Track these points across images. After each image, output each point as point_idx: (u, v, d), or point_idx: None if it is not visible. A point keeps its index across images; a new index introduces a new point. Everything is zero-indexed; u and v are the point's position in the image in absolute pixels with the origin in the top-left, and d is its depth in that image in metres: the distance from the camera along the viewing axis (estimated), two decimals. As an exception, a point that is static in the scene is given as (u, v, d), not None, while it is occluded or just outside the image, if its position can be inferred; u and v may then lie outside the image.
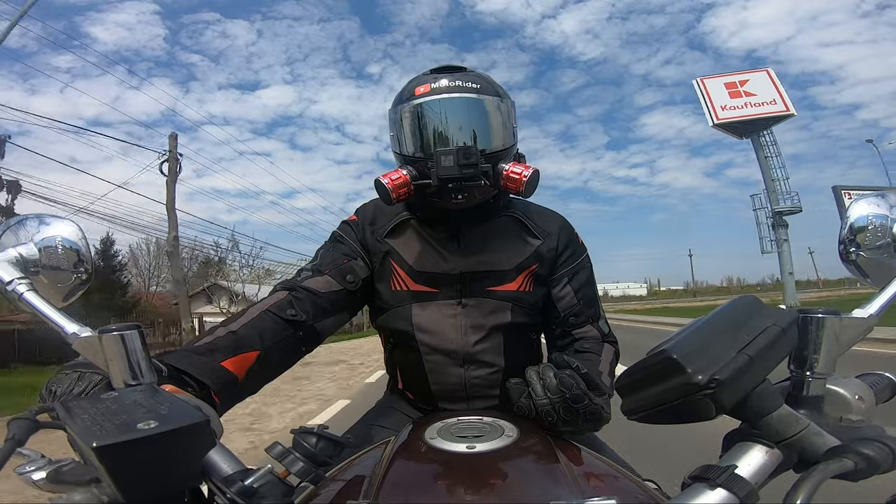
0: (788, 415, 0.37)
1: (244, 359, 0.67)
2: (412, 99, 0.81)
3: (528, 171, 0.77)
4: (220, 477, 0.36)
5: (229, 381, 0.63)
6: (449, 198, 0.79)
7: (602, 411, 0.63)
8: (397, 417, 0.89)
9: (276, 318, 0.74)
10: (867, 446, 0.35)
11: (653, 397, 0.38)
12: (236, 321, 0.72)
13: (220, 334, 0.68)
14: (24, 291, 0.50)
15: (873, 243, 0.52)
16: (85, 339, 0.47)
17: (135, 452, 0.32)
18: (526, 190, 0.78)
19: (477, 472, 0.48)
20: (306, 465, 0.39)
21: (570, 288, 0.88)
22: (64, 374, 0.49)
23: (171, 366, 0.58)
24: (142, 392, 0.40)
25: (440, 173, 0.75)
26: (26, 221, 0.57)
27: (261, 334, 0.70)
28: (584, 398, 0.61)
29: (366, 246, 0.89)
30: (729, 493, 0.33)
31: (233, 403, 0.65)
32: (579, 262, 0.90)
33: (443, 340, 0.84)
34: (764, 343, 0.36)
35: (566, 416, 0.61)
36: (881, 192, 0.54)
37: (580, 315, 0.88)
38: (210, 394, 0.60)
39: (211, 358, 0.63)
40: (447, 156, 0.74)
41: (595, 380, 0.64)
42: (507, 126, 0.83)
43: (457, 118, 0.79)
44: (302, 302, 0.78)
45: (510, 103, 0.84)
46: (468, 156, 0.74)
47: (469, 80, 0.81)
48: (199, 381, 0.59)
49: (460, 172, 0.74)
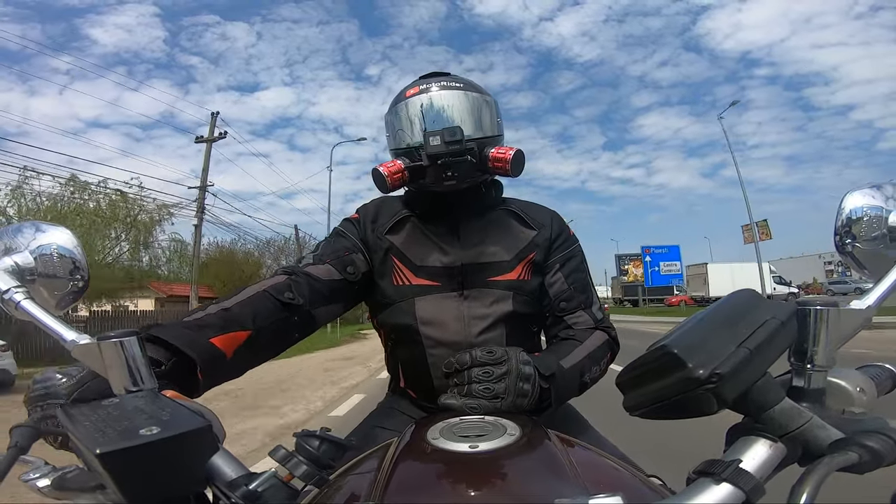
0: (791, 408, 0.37)
1: (234, 337, 0.66)
2: (403, 100, 0.89)
3: (512, 151, 0.84)
4: (224, 481, 0.36)
5: (216, 357, 0.63)
6: (441, 178, 0.84)
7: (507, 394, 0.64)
8: (399, 418, 0.89)
9: (272, 299, 0.74)
10: (871, 438, 0.35)
11: (654, 393, 0.38)
12: (231, 299, 0.72)
13: (213, 311, 0.68)
14: (20, 300, 0.50)
15: (869, 234, 0.52)
16: (84, 346, 0.47)
17: (138, 458, 0.32)
18: (513, 168, 0.84)
19: (481, 471, 0.48)
20: (310, 469, 0.39)
21: (560, 274, 0.91)
22: (57, 378, 0.50)
23: (159, 337, 0.57)
24: (143, 398, 0.40)
25: (428, 151, 0.82)
26: (21, 230, 0.57)
27: (254, 314, 0.70)
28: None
29: (367, 242, 0.91)
30: (735, 488, 0.33)
31: (217, 382, 0.65)
32: (570, 250, 0.93)
33: (446, 332, 0.85)
34: (764, 336, 0.36)
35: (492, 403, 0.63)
36: (876, 183, 0.54)
37: (571, 300, 0.89)
38: (196, 371, 0.59)
39: (200, 333, 0.63)
40: (434, 136, 0.82)
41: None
42: (492, 119, 0.90)
43: (443, 108, 0.87)
44: (300, 286, 0.79)
45: (493, 101, 0.92)
46: (453, 133, 0.82)
47: (454, 81, 0.90)
48: (185, 356, 0.58)
49: (447, 148, 0.81)
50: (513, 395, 0.65)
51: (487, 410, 0.62)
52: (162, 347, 0.58)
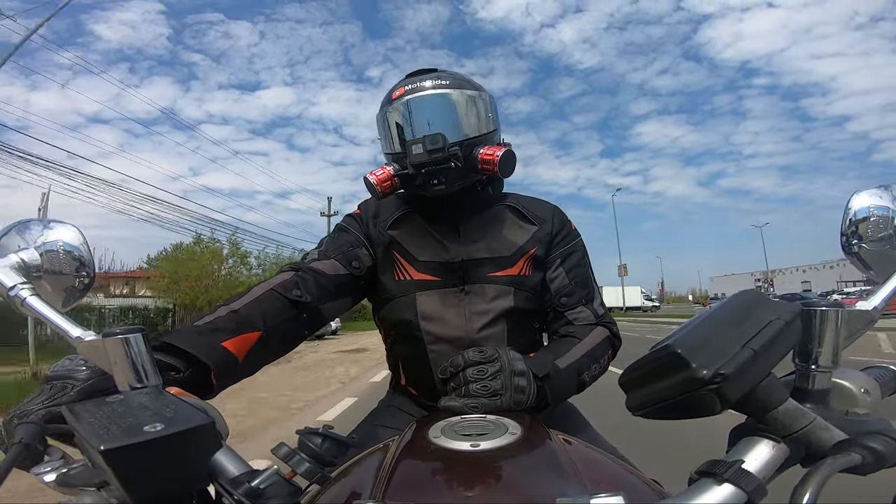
0: (794, 409, 0.37)
1: (245, 339, 0.67)
2: (390, 102, 0.87)
3: (501, 151, 0.82)
4: (227, 478, 0.36)
5: (229, 361, 0.64)
6: (429, 185, 0.83)
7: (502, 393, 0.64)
8: (400, 416, 0.90)
9: (280, 297, 0.75)
10: (874, 440, 0.35)
11: (657, 393, 0.38)
12: (240, 300, 0.73)
13: (222, 313, 0.69)
14: (26, 296, 0.50)
15: (875, 235, 0.52)
16: (89, 342, 0.47)
17: (141, 455, 0.32)
18: (501, 169, 0.82)
19: (482, 470, 0.48)
20: (312, 466, 0.39)
21: (562, 269, 0.90)
22: (45, 386, 0.50)
23: (173, 345, 0.59)
24: (147, 395, 0.40)
25: (412, 160, 0.81)
26: (28, 226, 0.57)
27: (264, 314, 0.71)
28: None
29: (369, 237, 0.91)
30: (737, 488, 0.33)
31: (230, 384, 0.66)
32: (572, 245, 0.93)
33: (447, 328, 0.84)
34: (768, 337, 0.36)
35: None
36: (883, 184, 0.54)
37: (572, 295, 0.88)
38: (210, 375, 0.61)
39: (212, 338, 0.64)
40: (416, 144, 0.81)
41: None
42: (481, 115, 0.88)
43: (426, 112, 0.85)
44: (307, 283, 0.80)
45: (485, 95, 0.90)
46: (435, 141, 0.80)
47: (439, 79, 0.87)
48: (199, 361, 0.59)
49: (429, 157, 0.80)
50: (510, 391, 0.64)
51: (488, 409, 0.62)
52: (177, 354, 0.59)
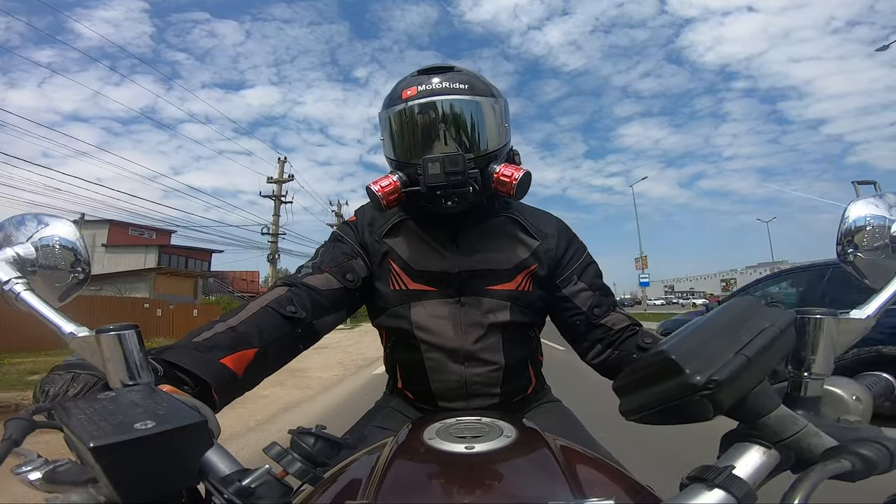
0: (786, 415, 0.37)
1: (243, 356, 0.67)
2: (399, 102, 0.80)
3: (519, 174, 0.78)
4: (218, 477, 0.36)
5: (229, 378, 0.64)
6: (441, 203, 0.79)
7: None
8: (396, 418, 0.89)
9: (275, 313, 0.74)
10: (865, 447, 0.35)
11: (651, 398, 0.38)
12: (236, 316, 0.72)
13: (220, 330, 0.69)
14: (20, 291, 0.50)
15: (871, 244, 0.52)
16: (82, 338, 0.47)
17: (132, 452, 0.32)
18: (517, 193, 0.78)
19: (475, 472, 0.48)
20: (304, 466, 0.39)
21: (582, 283, 0.88)
22: (58, 374, 0.49)
23: (172, 362, 0.58)
24: (139, 392, 0.40)
25: (427, 181, 0.75)
26: (23, 221, 0.57)
27: (260, 331, 0.71)
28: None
29: (365, 246, 0.89)
30: (727, 494, 0.33)
31: (231, 400, 0.66)
32: (584, 258, 0.91)
33: (442, 338, 0.84)
34: (762, 344, 0.36)
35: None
36: (879, 193, 0.54)
37: (601, 305, 0.87)
38: (211, 391, 0.60)
39: (211, 355, 0.63)
40: (434, 163, 0.74)
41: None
42: (499, 126, 0.82)
43: (444, 121, 0.79)
44: (301, 298, 0.78)
45: (503, 102, 0.83)
46: (455, 162, 0.74)
47: (458, 81, 0.79)
48: (199, 379, 0.59)
49: (447, 180, 0.74)
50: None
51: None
52: (177, 371, 0.59)
